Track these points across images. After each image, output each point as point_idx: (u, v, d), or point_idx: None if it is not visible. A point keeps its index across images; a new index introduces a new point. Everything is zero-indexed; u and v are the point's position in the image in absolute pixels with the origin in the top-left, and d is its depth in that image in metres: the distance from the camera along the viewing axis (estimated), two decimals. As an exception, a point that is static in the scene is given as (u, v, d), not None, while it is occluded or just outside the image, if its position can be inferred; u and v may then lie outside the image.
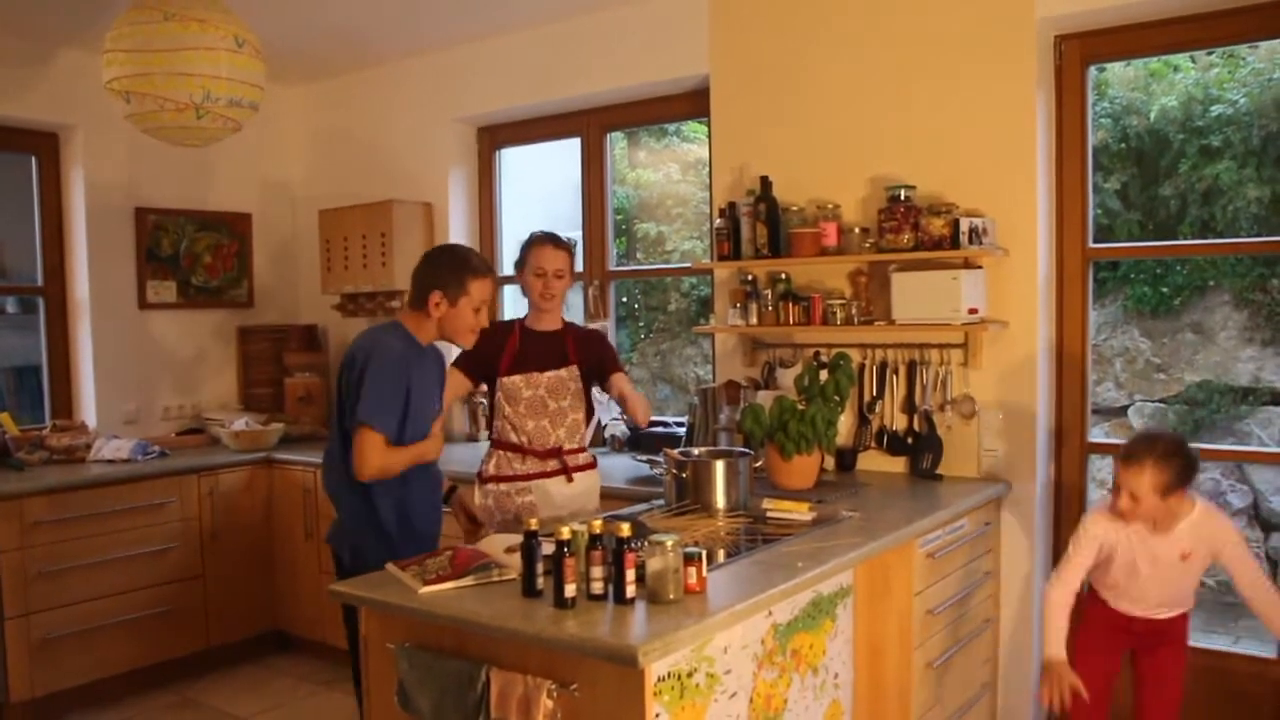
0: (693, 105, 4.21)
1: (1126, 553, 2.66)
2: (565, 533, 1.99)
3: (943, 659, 2.91)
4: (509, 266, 3.76)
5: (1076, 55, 3.33)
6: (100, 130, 4.62)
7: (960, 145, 3.36)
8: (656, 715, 1.85)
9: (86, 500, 4.00)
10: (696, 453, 3.04)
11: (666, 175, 6.76)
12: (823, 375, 3.25)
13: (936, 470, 3.38)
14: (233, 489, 4.50)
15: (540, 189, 5.22)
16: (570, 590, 1.98)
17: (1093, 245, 3.40)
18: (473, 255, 2.82)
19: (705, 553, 2.11)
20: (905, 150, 3.46)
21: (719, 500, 2.82)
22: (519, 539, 2.16)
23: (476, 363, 3.18)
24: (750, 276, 3.67)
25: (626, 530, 2.00)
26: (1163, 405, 5.67)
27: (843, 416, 3.33)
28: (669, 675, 1.89)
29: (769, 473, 3.22)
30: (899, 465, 3.52)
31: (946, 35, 3.37)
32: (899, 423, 3.52)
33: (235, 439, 4.64)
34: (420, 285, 2.76)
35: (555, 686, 1.90)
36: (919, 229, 3.25)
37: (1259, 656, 3.29)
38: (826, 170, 3.63)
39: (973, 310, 3.20)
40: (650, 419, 3.23)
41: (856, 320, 3.46)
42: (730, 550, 2.46)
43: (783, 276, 3.61)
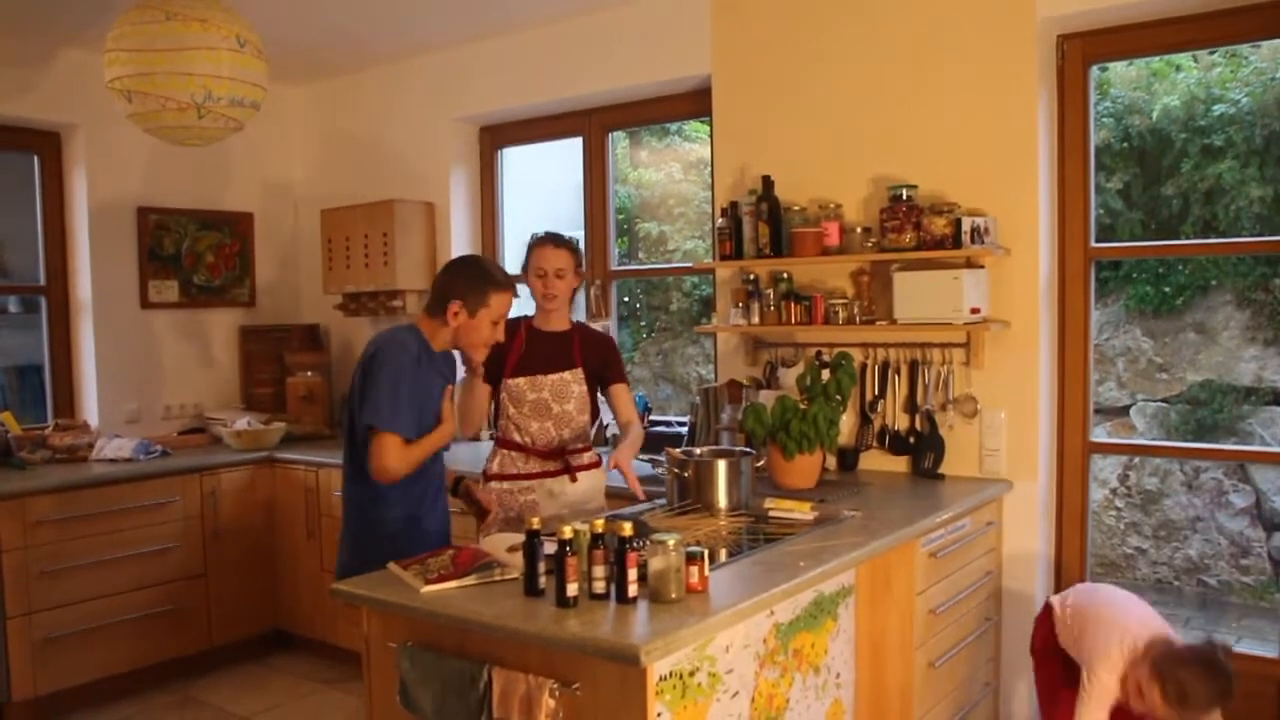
0: (694, 105, 4.21)
1: None
2: (567, 532, 1.99)
3: (945, 659, 2.91)
4: (511, 266, 3.76)
5: (1078, 55, 3.32)
6: (102, 130, 4.62)
7: (962, 144, 3.36)
8: (658, 714, 1.86)
9: (88, 499, 4.00)
10: (698, 452, 3.03)
11: (668, 175, 6.76)
12: (825, 375, 3.24)
13: (938, 470, 3.39)
14: (234, 488, 4.50)
15: (542, 188, 5.22)
16: (572, 589, 1.98)
17: (1095, 245, 3.39)
18: (496, 268, 2.81)
19: (707, 552, 2.11)
20: (907, 149, 3.46)
21: (721, 500, 2.82)
22: (521, 538, 2.16)
23: (484, 363, 3.16)
24: (752, 276, 3.67)
25: (628, 529, 2.00)
26: (1165, 405, 5.67)
27: (845, 416, 3.32)
28: (671, 674, 1.89)
29: (771, 472, 3.22)
30: (901, 465, 3.52)
31: (949, 35, 3.37)
32: (901, 422, 3.52)
33: (237, 438, 4.64)
34: (440, 293, 2.74)
35: (557, 686, 1.90)
36: (921, 228, 3.25)
37: (1259, 656, 3.29)
38: (828, 170, 3.62)
39: (975, 310, 3.20)
40: (644, 494, 3.02)
41: (858, 320, 3.46)
42: (732, 549, 2.46)
43: (785, 276, 3.61)
